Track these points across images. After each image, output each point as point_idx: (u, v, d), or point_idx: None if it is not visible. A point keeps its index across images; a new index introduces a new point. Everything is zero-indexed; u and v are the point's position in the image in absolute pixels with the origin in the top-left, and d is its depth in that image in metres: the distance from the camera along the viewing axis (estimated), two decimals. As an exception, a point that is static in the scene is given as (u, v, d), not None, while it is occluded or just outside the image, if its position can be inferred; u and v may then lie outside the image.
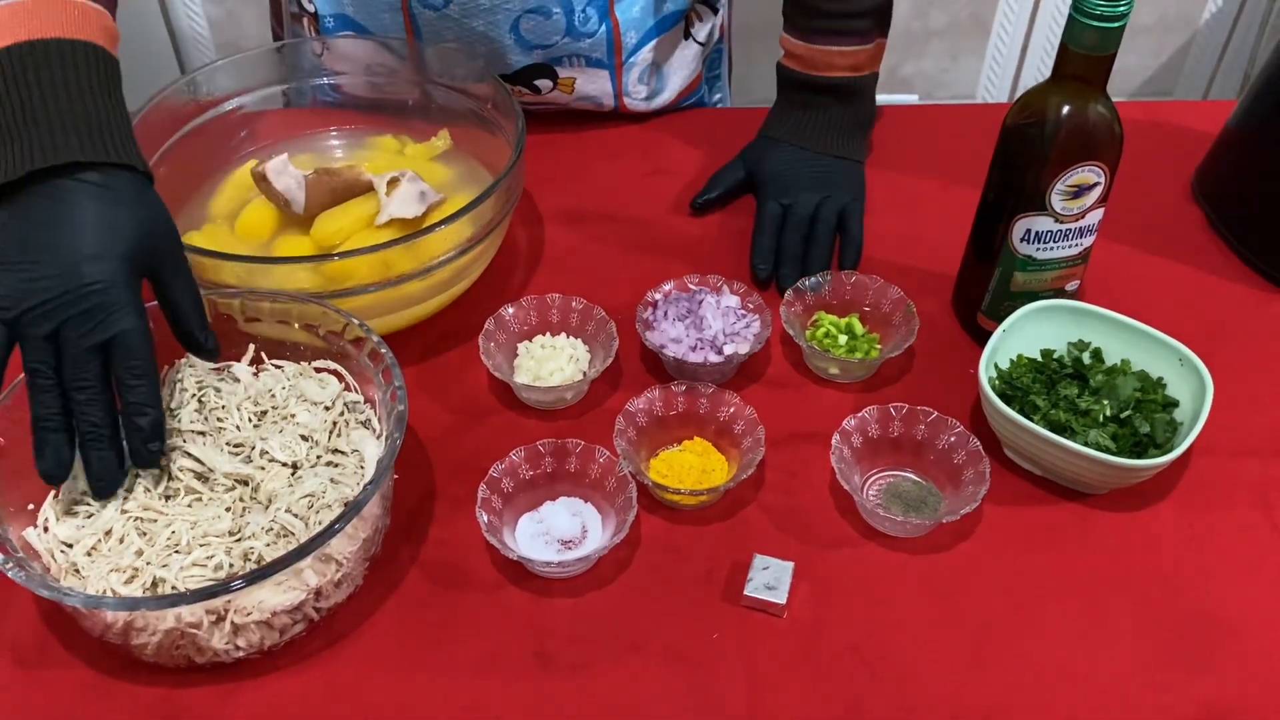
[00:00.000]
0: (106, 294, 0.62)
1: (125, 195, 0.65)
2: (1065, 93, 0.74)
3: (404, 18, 0.98)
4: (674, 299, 0.85)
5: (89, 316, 0.62)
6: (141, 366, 0.64)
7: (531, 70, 1.02)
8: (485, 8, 0.96)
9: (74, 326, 0.62)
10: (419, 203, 0.86)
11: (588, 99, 1.06)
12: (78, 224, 0.63)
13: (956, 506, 0.73)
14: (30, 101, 0.63)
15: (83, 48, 0.66)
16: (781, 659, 0.68)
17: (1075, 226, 0.79)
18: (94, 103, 0.65)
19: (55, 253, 0.62)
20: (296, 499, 0.68)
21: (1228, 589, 0.72)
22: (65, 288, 0.61)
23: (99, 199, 0.63)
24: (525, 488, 0.75)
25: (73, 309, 0.62)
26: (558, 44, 1.00)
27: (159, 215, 0.67)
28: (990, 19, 2.10)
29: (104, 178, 0.64)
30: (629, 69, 1.04)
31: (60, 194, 0.63)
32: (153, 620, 0.62)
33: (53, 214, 0.63)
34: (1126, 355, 0.80)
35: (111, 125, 0.65)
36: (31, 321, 0.62)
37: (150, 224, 0.66)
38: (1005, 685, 0.67)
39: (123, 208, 0.64)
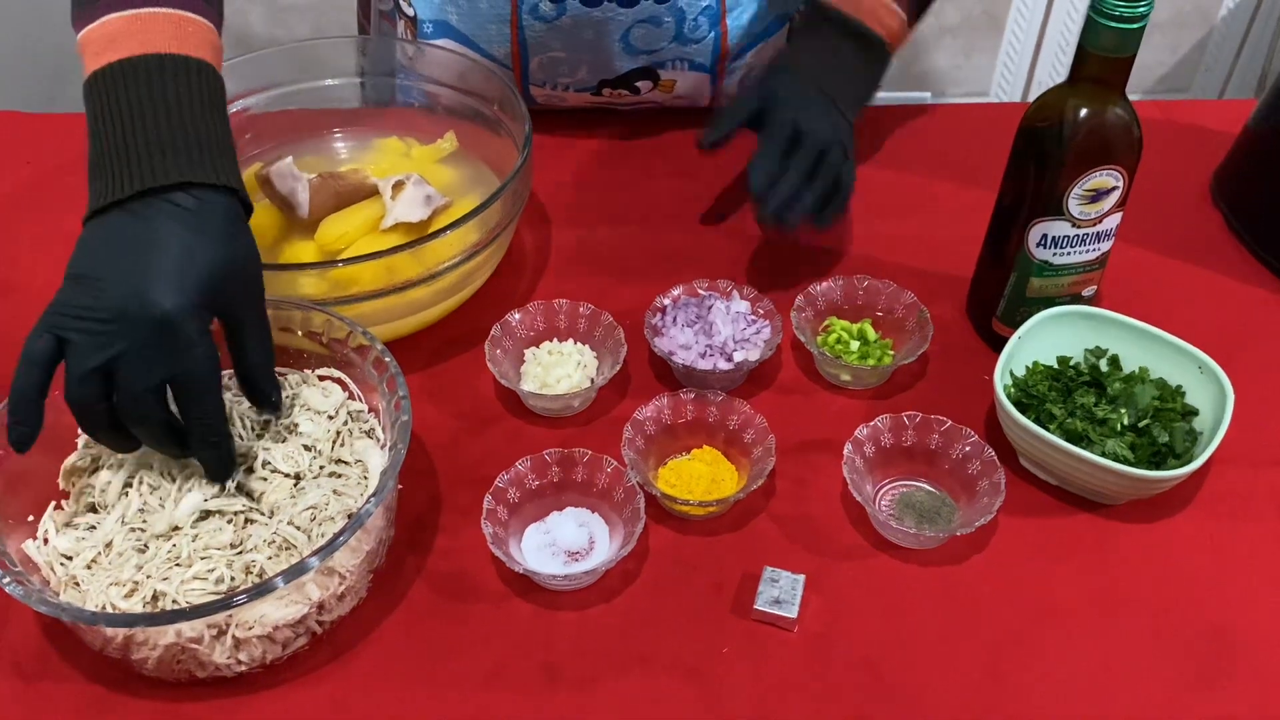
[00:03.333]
0: (171, 326, 0.59)
1: (216, 223, 0.62)
2: (1083, 95, 0.73)
3: (511, 29, 0.96)
4: (683, 304, 0.84)
5: (148, 349, 0.59)
6: (204, 407, 0.62)
7: (634, 74, 1.00)
8: (597, 20, 0.94)
9: (130, 360, 0.59)
10: (424, 206, 0.85)
11: (684, 98, 1.04)
12: (157, 247, 0.60)
13: (971, 518, 0.71)
14: (140, 118, 0.62)
15: (193, 64, 0.64)
16: (792, 673, 0.66)
17: (1093, 231, 0.77)
18: (202, 122, 0.63)
19: (126, 274, 0.59)
20: (299, 511, 0.67)
21: (1248, 602, 0.70)
22: (127, 311, 0.59)
23: (185, 224, 0.61)
24: (531, 498, 0.74)
25: (130, 338, 0.59)
26: (664, 49, 0.98)
27: (247, 251, 0.64)
28: (1004, 15, 2.08)
29: (198, 202, 0.61)
30: (731, 73, 1.02)
31: (150, 213, 0.60)
32: (153, 635, 0.61)
33: (136, 234, 0.60)
34: (1145, 362, 0.78)
35: (217, 146, 0.63)
36: (87, 343, 0.59)
37: (234, 258, 0.63)
38: (1021, 700, 0.65)
39: (209, 236, 0.61)
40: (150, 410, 0.61)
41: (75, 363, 0.60)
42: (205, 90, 0.64)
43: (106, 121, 0.62)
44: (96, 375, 0.59)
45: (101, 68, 0.63)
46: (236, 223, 0.64)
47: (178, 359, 0.60)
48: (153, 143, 0.61)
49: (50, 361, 0.60)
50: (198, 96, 0.64)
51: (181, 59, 0.64)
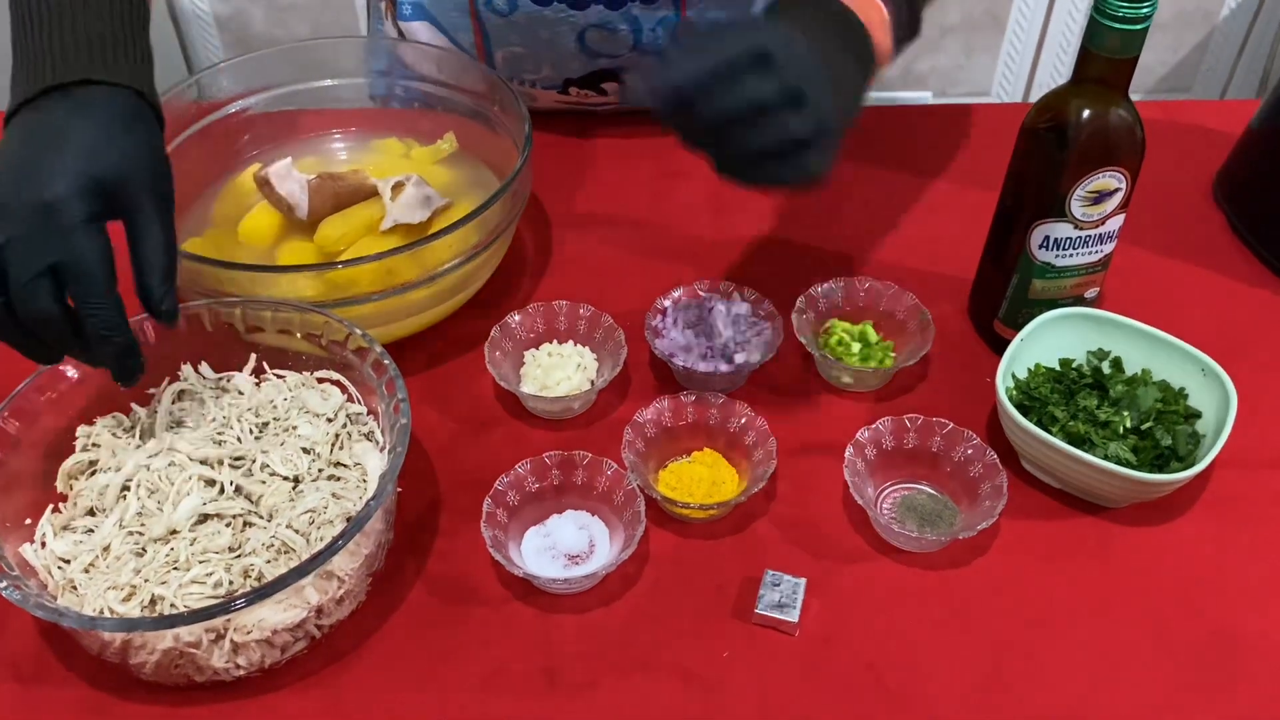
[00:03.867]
0: (51, 211, 0.59)
1: (117, 117, 0.62)
2: (1086, 96, 0.72)
3: (471, 19, 0.96)
4: (683, 306, 0.84)
5: (30, 236, 0.58)
6: (92, 297, 0.60)
7: (598, 75, 1.00)
8: (549, 19, 0.94)
9: (13, 248, 0.59)
10: (424, 207, 0.85)
11: None
12: (48, 138, 0.61)
13: (973, 521, 0.71)
14: (53, 20, 0.63)
15: None
16: (794, 678, 0.66)
17: (1095, 233, 0.77)
18: (115, 29, 0.64)
19: (17, 165, 0.60)
20: (298, 514, 0.66)
21: (1251, 606, 0.70)
22: (11, 199, 0.59)
23: (80, 115, 0.61)
24: (531, 501, 0.73)
25: (14, 226, 0.59)
26: (625, 56, 0.98)
27: (145, 146, 0.64)
28: (1005, 14, 2.08)
29: (95, 97, 0.62)
30: None
31: (49, 107, 0.62)
32: (151, 639, 0.61)
33: (34, 128, 0.61)
34: (1147, 365, 0.78)
35: (122, 47, 0.64)
36: None
37: (129, 151, 0.62)
38: (1023, 705, 0.65)
39: (103, 129, 0.61)
40: (39, 301, 0.60)
41: None
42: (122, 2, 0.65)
43: (26, 26, 0.64)
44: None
45: None
46: (136, 119, 0.64)
47: (59, 245, 0.59)
48: (57, 45, 0.62)
49: None
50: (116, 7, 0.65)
51: None
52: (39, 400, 0.69)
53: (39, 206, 0.59)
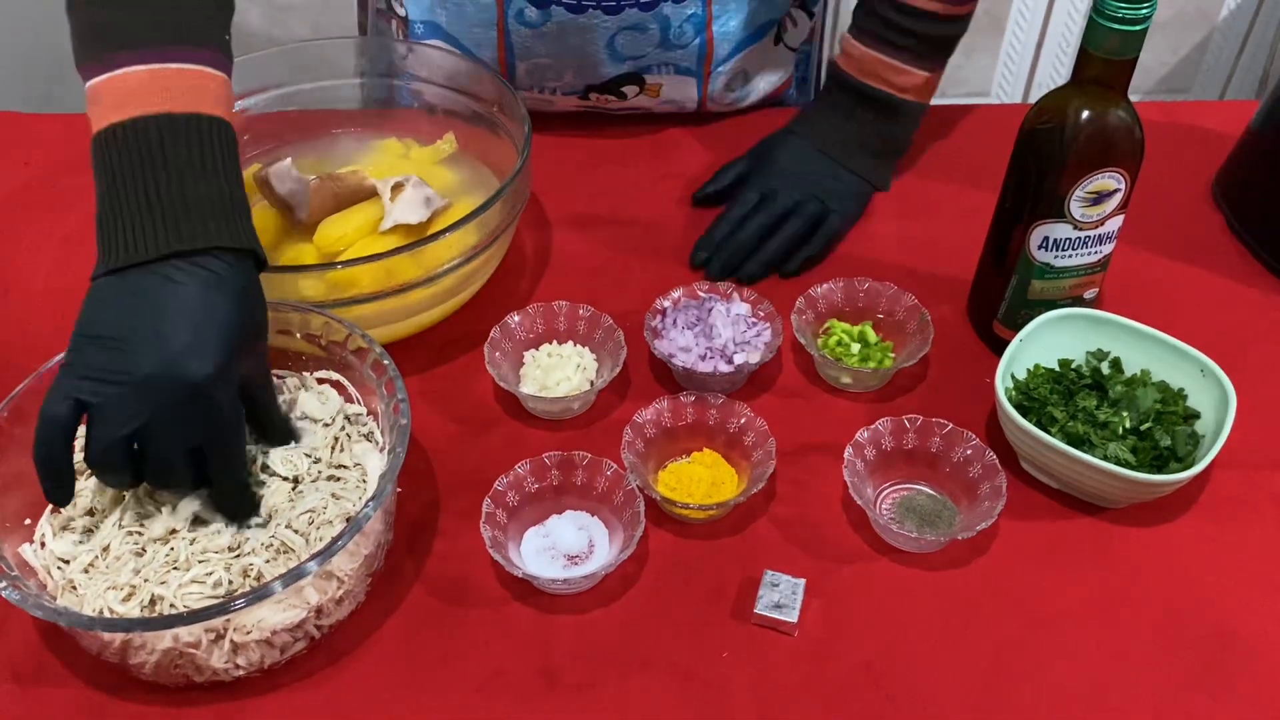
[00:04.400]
0: (202, 394, 0.59)
1: (240, 287, 0.62)
2: (1085, 97, 0.72)
3: (498, 34, 0.96)
4: (683, 307, 0.84)
5: (178, 417, 0.59)
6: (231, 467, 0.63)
7: (620, 79, 1.00)
8: (582, 26, 0.94)
9: (160, 428, 0.59)
10: (424, 208, 0.85)
11: (672, 102, 1.05)
12: (186, 312, 0.59)
13: (972, 521, 0.71)
14: (156, 180, 0.61)
15: (211, 123, 0.64)
16: (793, 678, 0.66)
17: (1094, 234, 0.77)
18: (223, 182, 0.63)
19: (155, 339, 0.59)
20: (297, 515, 0.66)
21: (1252, 607, 0.70)
22: (158, 379, 0.58)
23: (213, 288, 0.60)
24: (531, 501, 0.73)
25: (160, 406, 0.58)
26: (649, 54, 0.98)
27: (261, 307, 0.64)
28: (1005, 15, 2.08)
29: (225, 266, 0.61)
30: (716, 77, 1.02)
31: (177, 277, 0.60)
32: (150, 639, 0.61)
33: (162, 297, 0.60)
34: (1146, 365, 0.78)
35: (238, 208, 0.63)
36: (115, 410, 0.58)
37: (256, 320, 0.63)
38: (1022, 705, 0.65)
39: (234, 301, 0.61)
40: (179, 474, 0.62)
41: (102, 431, 0.59)
42: (221, 150, 0.64)
43: (124, 178, 0.61)
44: (123, 442, 0.59)
45: (118, 122, 0.62)
46: (256, 284, 0.64)
47: (208, 426, 0.61)
48: (176, 205, 0.61)
49: (72, 425, 0.60)
50: (216, 157, 0.63)
51: (200, 119, 0.63)
52: (38, 401, 0.69)
53: (189, 388, 0.59)
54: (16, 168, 1.04)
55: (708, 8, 0.96)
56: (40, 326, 0.87)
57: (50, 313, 0.88)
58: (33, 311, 0.89)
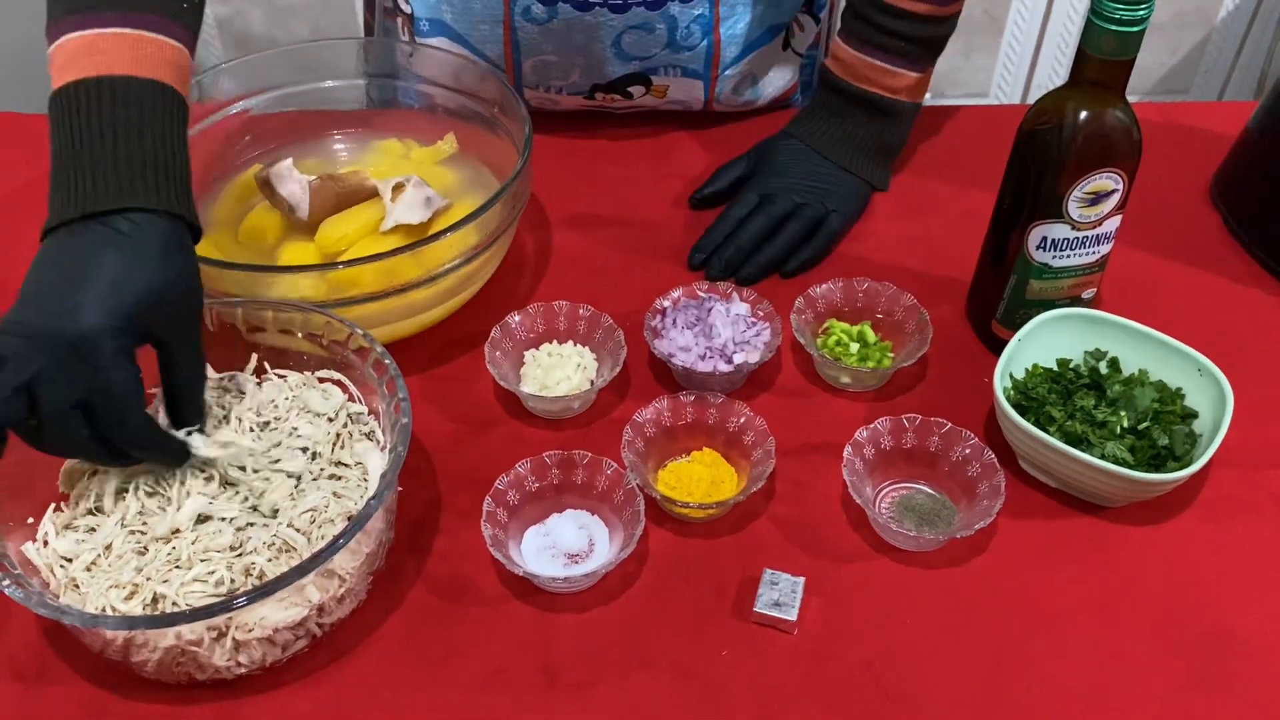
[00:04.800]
0: (86, 347, 0.59)
1: (151, 248, 0.62)
2: (1083, 98, 0.73)
3: (504, 30, 0.97)
4: (683, 306, 0.84)
5: (63, 369, 0.59)
6: (125, 429, 0.62)
7: (627, 79, 1.01)
8: (589, 24, 0.95)
9: (46, 379, 0.59)
10: (424, 208, 0.85)
11: (678, 103, 1.05)
12: (86, 269, 0.60)
13: (971, 520, 0.71)
14: (86, 143, 0.62)
15: (148, 86, 0.64)
16: (792, 676, 0.66)
17: (1092, 234, 0.77)
18: (149, 145, 0.63)
19: (54, 295, 0.60)
20: (299, 513, 0.67)
21: (1250, 605, 0.70)
22: (49, 335, 0.59)
23: (118, 247, 0.61)
24: (531, 500, 0.74)
25: (47, 357, 0.59)
26: (656, 55, 0.99)
27: (181, 276, 0.64)
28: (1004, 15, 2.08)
29: (134, 226, 0.61)
30: (724, 79, 1.03)
31: (88, 236, 0.61)
32: (153, 637, 0.61)
33: (71, 256, 0.61)
34: (1144, 365, 0.78)
35: (163, 169, 0.63)
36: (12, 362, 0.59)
37: (166, 283, 0.62)
38: (1022, 704, 0.65)
39: (141, 261, 0.61)
40: (70, 430, 0.61)
41: (2, 380, 0.60)
42: (159, 114, 0.64)
43: (61, 141, 0.63)
44: (19, 394, 0.59)
45: (60, 87, 0.64)
46: (174, 247, 0.63)
47: (92, 379, 0.60)
48: (98, 166, 0.62)
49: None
50: (149, 120, 0.63)
51: (137, 81, 0.64)
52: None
53: (69, 340, 0.59)
54: (16, 168, 1.04)
55: (715, 9, 0.97)
56: (42, 326, 0.87)
57: (52, 312, 0.88)
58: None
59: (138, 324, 0.61)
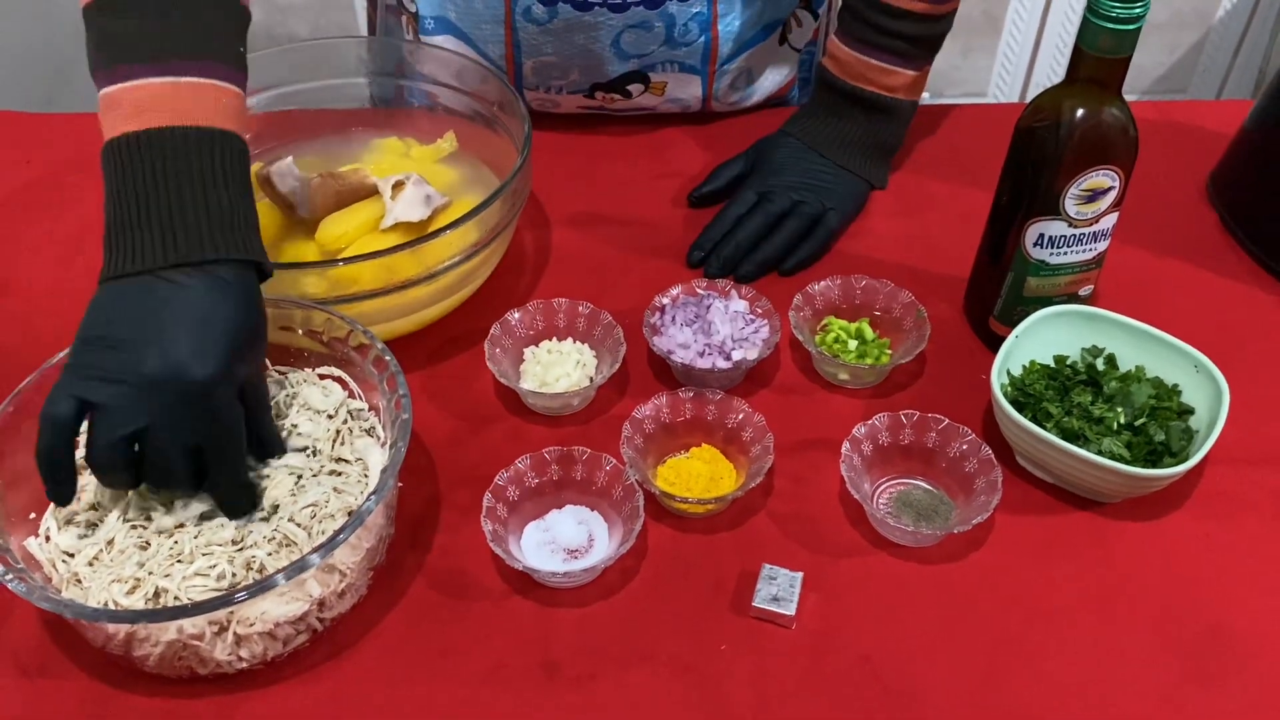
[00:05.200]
0: (204, 395, 0.60)
1: (240, 293, 0.63)
2: (1079, 95, 0.73)
3: (505, 30, 0.97)
4: (682, 303, 0.85)
5: (180, 417, 0.60)
6: (232, 468, 0.64)
7: (626, 77, 1.01)
8: (589, 23, 0.95)
9: (161, 428, 0.60)
10: (424, 206, 0.85)
11: (676, 101, 1.05)
12: (190, 317, 0.61)
13: (968, 516, 0.72)
14: (167, 191, 0.62)
15: (222, 137, 0.65)
16: (791, 671, 0.67)
17: (1089, 231, 0.77)
18: (232, 195, 0.64)
19: (160, 342, 0.60)
20: (299, 508, 0.67)
21: (1246, 601, 0.70)
22: (160, 380, 0.59)
23: (217, 295, 0.62)
24: (531, 496, 0.74)
25: (163, 406, 0.60)
26: (654, 52, 0.99)
27: (263, 317, 0.66)
28: (1002, 15, 2.08)
29: (227, 273, 0.63)
30: (721, 75, 1.03)
31: (184, 283, 0.61)
32: (155, 631, 0.61)
33: (167, 302, 0.61)
34: (1141, 361, 0.79)
35: (245, 220, 0.65)
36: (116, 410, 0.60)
37: (256, 327, 0.65)
38: (1019, 698, 0.66)
39: (237, 307, 0.63)
40: (178, 475, 0.63)
41: (104, 429, 0.60)
42: (231, 163, 0.65)
43: (135, 187, 0.63)
44: (125, 442, 0.60)
45: (131, 132, 0.64)
46: (256, 292, 0.66)
47: (209, 426, 0.62)
48: (188, 216, 0.62)
49: (75, 424, 0.61)
50: (226, 169, 0.65)
51: (212, 132, 0.65)
52: (42, 398, 0.70)
53: (192, 389, 0.60)
54: (17, 168, 1.04)
55: (713, 6, 0.97)
56: (42, 325, 0.87)
57: (51, 311, 0.89)
58: (34, 310, 0.90)
59: (238, 367, 0.63)
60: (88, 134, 0.65)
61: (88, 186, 0.99)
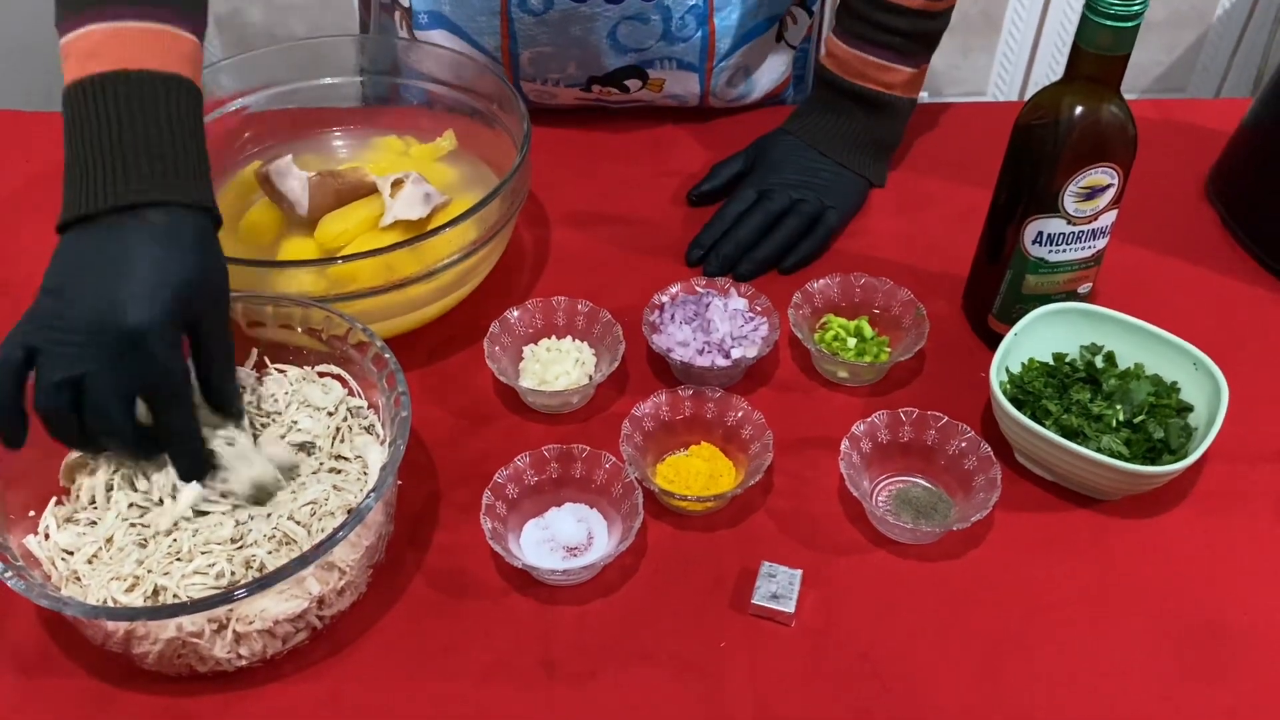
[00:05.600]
0: (141, 341, 0.60)
1: (186, 240, 0.62)
2: (1078, 93, 0.73)
3: (501, 21, 0.97)
4: (681, 301, 0.85)
5: (117, 364, 0.60)
6: (174, 417, 0.63)
7: (623, 71, 1.01)
8: (585, 15, 0.95)
9: (98, 375, 0.60)
10: (424, 204, 0.85)
11: (674, 97, 1.05)
12: (129, 263, 0.60)
13: (967, 513, 0.72)
14: (111, 135, 0.62)
15: (168, 81, 0.64)
16: (790, 668, 0.67)
17: (1088, 229, 0.78)
18: (177, 140, 0.63)
19: (98, 289, 0.60)
20: (299, 506, 0.67)
21: (1244, 598, 0.70)
22: (97, 326, 0.59)
23: (157, 240, 0.61)
24: (530, 494, 0.74)
25: (100, 352, 0.59)
26: (652, 47, 0.99)
27: (215, 266, 0.65)
28: (1001, 15, 2.08)
29: (170, 219, 0.62)
30: (719, 72, 1.03)
31: (123, 229, 0.61)
32: (154, 629, 0.61)
33: (108, 249, 0.61)
34: (1140, 359, 0.79)
35: (190, 164, 0.64)
36: (56, 356, 0.60)
37: (203, 274, 0.63)
38: (1018, 695, 0.66)
39: (180, 252, 0.62)
40: (116, 422, 0.61)
41: (44, 374, 0.60)
42: (182, 107, 0.64)
43: (82, 133, 0.63)
44: (65, 387, 0.60)
45: (80, 79, 0.63)
46: (206, 239, 0.64)
47: (147, 373, 0.61)
48: (128, 160, 0.62)
49: (21, 370, 0.61)
50: (174, 114, 0.64)
51: (161, 76, 0.64)
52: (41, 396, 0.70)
53: (124, 334, 0.59)
54: (17, 166, 1.04)
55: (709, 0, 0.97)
56: (42, 322, 0.87)
57: (52, 308, 0.89)
58: (35, 307, 0.89)
59: (181, 315, 0.62)
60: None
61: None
